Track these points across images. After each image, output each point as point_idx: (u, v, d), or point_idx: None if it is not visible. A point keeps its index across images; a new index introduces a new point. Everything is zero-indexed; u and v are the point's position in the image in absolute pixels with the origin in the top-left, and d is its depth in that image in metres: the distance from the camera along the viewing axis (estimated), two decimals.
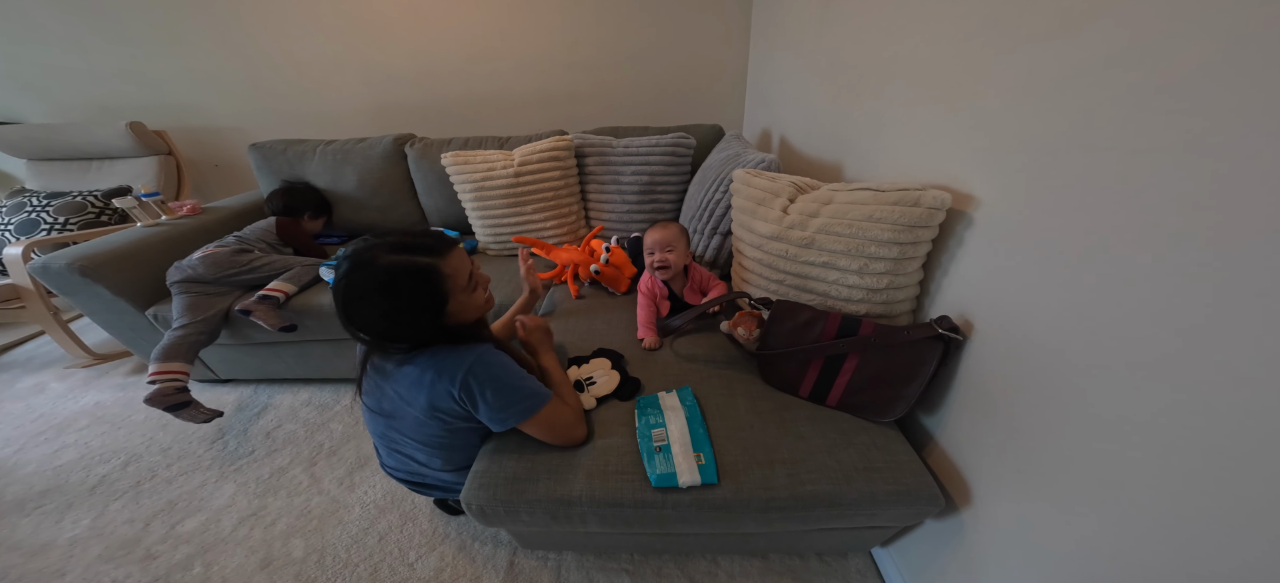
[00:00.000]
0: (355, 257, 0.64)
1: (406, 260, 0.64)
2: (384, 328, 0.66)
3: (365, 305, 0.64)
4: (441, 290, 0.66)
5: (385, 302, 0.63)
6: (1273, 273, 0.34)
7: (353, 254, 0.64)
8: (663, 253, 1.04)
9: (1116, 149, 0.45)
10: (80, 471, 1.27)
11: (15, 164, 2.00)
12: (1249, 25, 0.35)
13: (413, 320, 0.66)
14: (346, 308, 0.64)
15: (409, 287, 0.64)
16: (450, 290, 0.67)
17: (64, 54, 1.85)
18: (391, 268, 0.63)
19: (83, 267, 1.23)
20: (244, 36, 1.82)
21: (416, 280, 0.64)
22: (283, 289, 1.30)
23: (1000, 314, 0.62)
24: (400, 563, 0.99)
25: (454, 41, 1.84)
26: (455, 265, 0.68)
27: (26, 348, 1.88)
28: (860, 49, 1.00)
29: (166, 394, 1.17)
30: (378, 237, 0.66)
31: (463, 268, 0.70)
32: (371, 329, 0.67)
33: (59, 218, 1.65)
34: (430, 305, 0.66)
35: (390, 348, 0.70)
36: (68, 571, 1.00)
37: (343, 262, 0.64)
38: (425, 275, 0.65)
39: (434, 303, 0.66)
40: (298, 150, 1.73)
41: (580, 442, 0.74)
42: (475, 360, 0.67)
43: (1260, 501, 0.36)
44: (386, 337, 0.68)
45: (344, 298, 0.64)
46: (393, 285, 0.63)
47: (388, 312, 0.64)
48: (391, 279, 0.63)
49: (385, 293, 0.63)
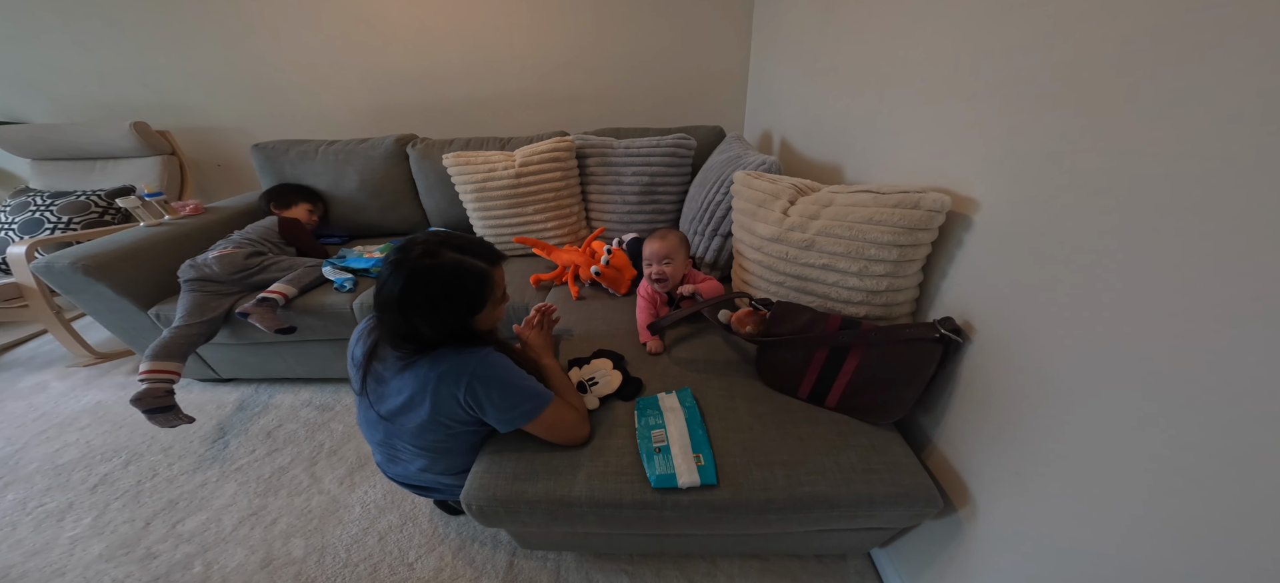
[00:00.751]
0: (414, 247, 0.66)
1: (469, 262, 0.68)
2: (418, 322, 0.67)
3: (417, 295, 0.65)
4: (485, 297, 0.71)
5: (439, 296, 0.66)
6: (1272, 277, 0.34)
7: (410, 245, 0.66)
8: (660, 265, 1.04)
9: (1115, 152, 0.45)
10: (82, 469, 1.27)
11: (20, 164, 2.01)
12: (1245, 27, 0.35)
13: (450, 319, 0.68)
14: (402, 294, 0.65)
15: (464, 286, 0.68)
16: (489, 299, 0.72)
17: (69, 54, 1.86)
18: (457, 265, 0.67)
19: (86, 266, 1.24)
20: (247, 38, 1.83)
21: (472, 281, 0.69)
22: (283, 291, 1.31)
23: (999, 317, 0.62)
24: (400, 563, 0.99)
25: (456, 43, 1.85)
26: (499, 277, 0.75)
27: (29, 347, 1.89)
28: (861, 51, 1.00)
29: (155, 395, 1.15)
30: (435, 235, 0.70)
31: (502, 281, 0.76)
32: (407, 321, 0.67)
33: (62, 217, 1.65)
34: (470, 308, 0.70)
35: (403, 345, 0.70)
36: (68, 569, 1.00)
37: (400, 251, 0.66)
38: (480, 280, 0.70)
39: (474, 307, 0.70)
40: (300, 150, 1.74)
41: (584, 441, 0.75)
42: (479, 363, 0.69)
43: (1257, 503, 0.36)
44: (409, 334, 0.68)
45: (402, 286, 0.64)
46: (455, 281, 0.67)
47: (433, 303, 0.66)
48: (455, 276, 0.66)
49: (443, 287, 0.66)
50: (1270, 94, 0.34)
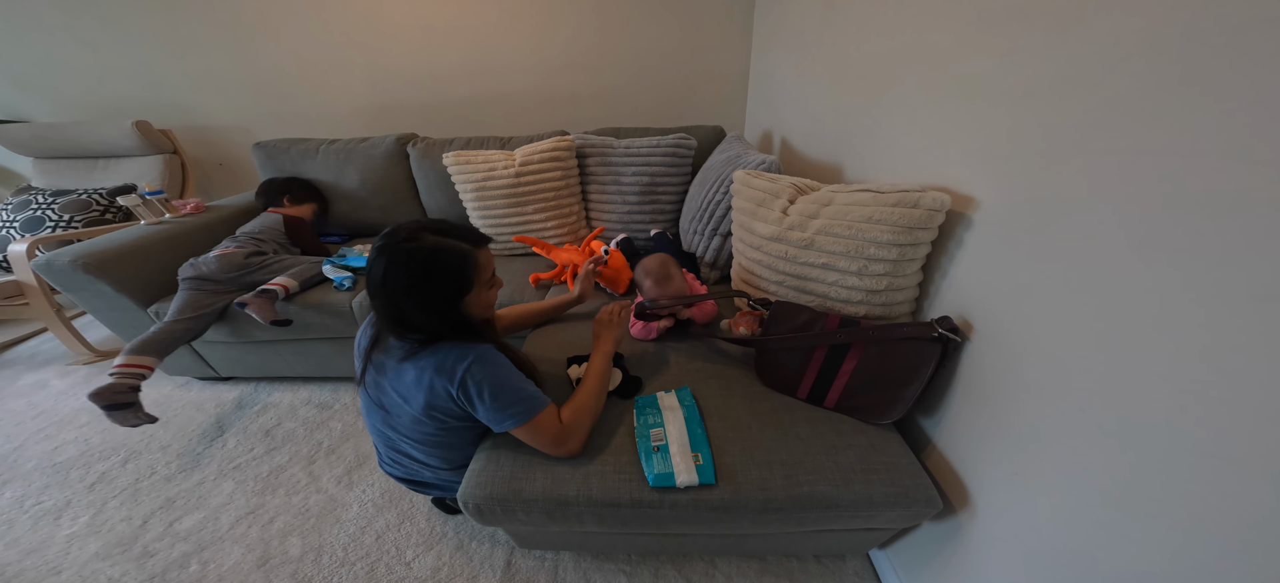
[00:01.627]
0: (399, 232, 0.66)
1: (449, 243, 0.67)
2: (406, 307, 0.67)
3: (398, 278, 0.65)
4: (470, 278, 0.69)
5: (419, 277, 0.65)
6: (1270, 277, 0.34)
7: (396, 231, 0.66)
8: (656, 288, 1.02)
9: (1113, 152, 0.45)
10: (80, 467, 1.27)
11: (22, 162, 2.02)
12: (1246, 28, 0.35)
13: (437, 302, 0.68)
14: (384, 277, 0.65)
15: (445, 266, 0.67)
16: (475, 281, 0.70)
17: (71, 53, 1.86)
18: (436, 247, 0.66)
19: (86, 263, 1.24)
20: (249, 36, 1.84)
21: (454, 261, 0.68)
22: (285, 284, 1.30)
23: (998, 317, 0.62)
24: (397, 562, 0.99)
25: (457, 42, 1.85)
26: (485, 259, 0.73)
27: (29, 345, 1.89)
28: (861, 51, 1.00)
29: (118, 391, 1.10)
30: (418, 221, 0.69)
31: (489, 263, 0.74)
32: (395, 306, 0.67)
33: (63, 215, 1.66)
34: (457, 290, 0.69)
35: (403, 335, 0.70)
36: (64, 568, 1.00)
37: (385, 237, 0.66)
38: (462, 259, 0.68)
39: (460, 288, 0.69)
40: (301, 149, 1.74)
41: (571, 455, 0.72)
42: (474, 360, 0.68)
43: (1255, 503, 0.36)
44: (401, 321, 0.68)
45: (384, 269, 0.65)
46: (434, 261, 0.66)
47: (415, 285, 0.65)
48: (434, 256, 0.66)
49: (423, 269, 0.65)
50: (1267, 93, 0.34)
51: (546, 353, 0.98)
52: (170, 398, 1.53)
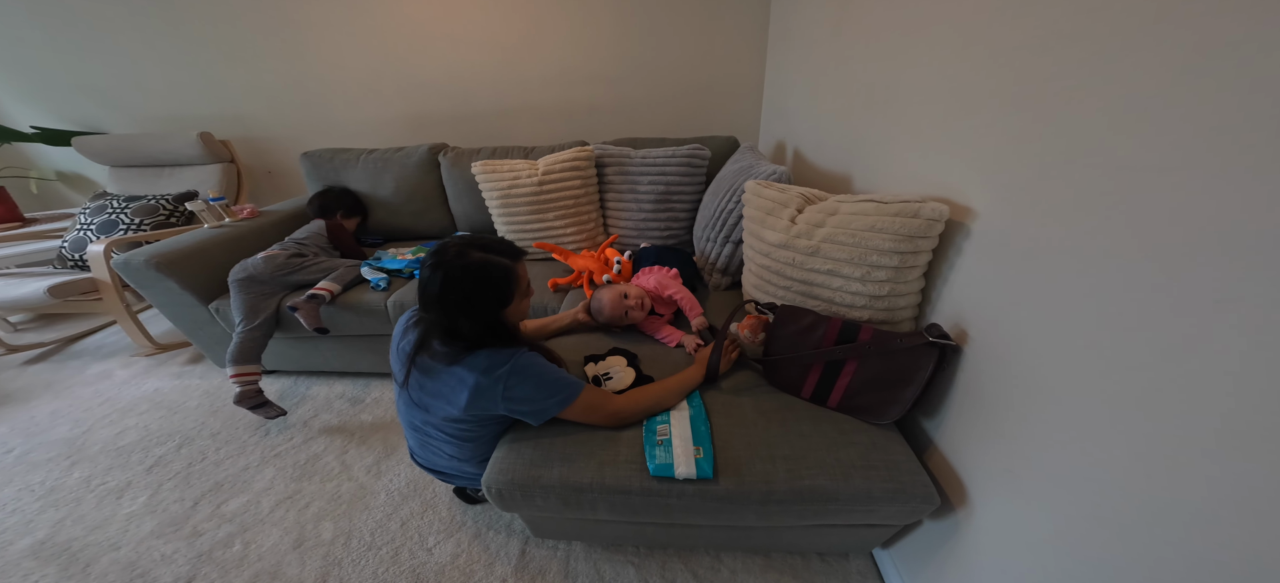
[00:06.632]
0: (448, 250, 0.73)
1: (494, 259, 0.75)
2: (457, 317, 0.74)
3: (453, 291, 0.72)
4: (511, 290, 0.77)
5: (471, 291, 0.73)
6: (1259, 282, 0.35)
7: (444, 248, 0.74)
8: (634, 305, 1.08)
9: (1106, 163, 0.47)
10: (140, 451, 1.38)
11: (99, 170, 2.23)
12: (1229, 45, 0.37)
13: (484, 312, 0.75)
14: (442, 290, 0.72)
15: (492, 280, 0.74)
16: (515, 292, 0.78)
17: (143, 69, 2.06)
18: (484, 263, 0.73)
19: (158, 263, 1.37)
20: (298, 53, 1.99)
21: (499, 275, 0.75)
22: (329, 288, 1.41)
23: (996, 322, 0.64)
24: (419, 547, 1.05)
25: (485, 54, 1.96)
26: (522, 271, 0.80)
27: (97, 337, 2.06)
28: (870, 66, 1.03)
29: (249, 395, 1.34)
30: (464, 238, 0.77)
31: (525, 275, 0.82)
32: (448, 316, 0.74)
33: (135, 219, 1.83)
34: (500, 301, 0.76)
35: (451, 342, 0.76)
36: (123, 544, 1.08)
37: (435, 254, 0.73)
38: (506, 274, 0.76)
39: (503, 299, 0.76)
40: (343, 158, 1.87)
41: (620, 425, 0.79)
42: (517, 360, 0.75)
43: (1253, 503, 0.37)
44: (451, 329, 0.75)
45: (441, 282, 0.72)
46: (484, 275, 0.73)
47: (467, 298, 0.73)
48: (483, 270, 0.73)
49: (475, 282, 0.73)
50: (1255, 106, 0.35)
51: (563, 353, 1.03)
52: (222, 388, 1.65)
